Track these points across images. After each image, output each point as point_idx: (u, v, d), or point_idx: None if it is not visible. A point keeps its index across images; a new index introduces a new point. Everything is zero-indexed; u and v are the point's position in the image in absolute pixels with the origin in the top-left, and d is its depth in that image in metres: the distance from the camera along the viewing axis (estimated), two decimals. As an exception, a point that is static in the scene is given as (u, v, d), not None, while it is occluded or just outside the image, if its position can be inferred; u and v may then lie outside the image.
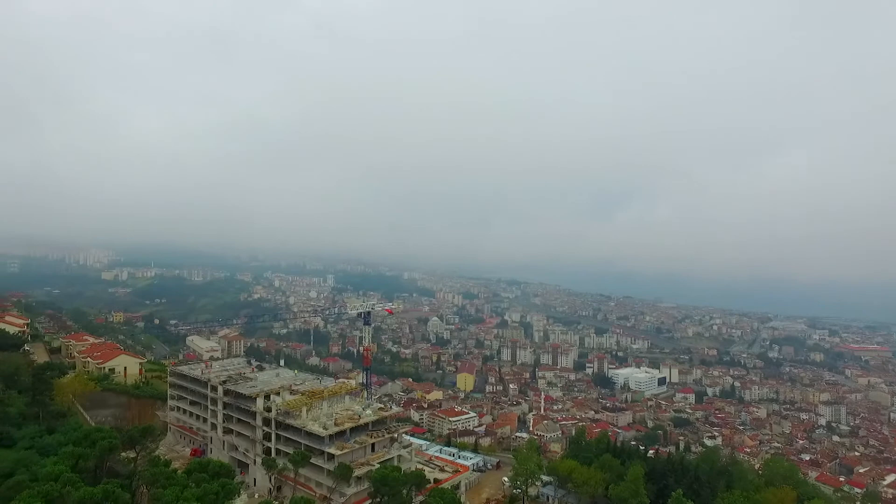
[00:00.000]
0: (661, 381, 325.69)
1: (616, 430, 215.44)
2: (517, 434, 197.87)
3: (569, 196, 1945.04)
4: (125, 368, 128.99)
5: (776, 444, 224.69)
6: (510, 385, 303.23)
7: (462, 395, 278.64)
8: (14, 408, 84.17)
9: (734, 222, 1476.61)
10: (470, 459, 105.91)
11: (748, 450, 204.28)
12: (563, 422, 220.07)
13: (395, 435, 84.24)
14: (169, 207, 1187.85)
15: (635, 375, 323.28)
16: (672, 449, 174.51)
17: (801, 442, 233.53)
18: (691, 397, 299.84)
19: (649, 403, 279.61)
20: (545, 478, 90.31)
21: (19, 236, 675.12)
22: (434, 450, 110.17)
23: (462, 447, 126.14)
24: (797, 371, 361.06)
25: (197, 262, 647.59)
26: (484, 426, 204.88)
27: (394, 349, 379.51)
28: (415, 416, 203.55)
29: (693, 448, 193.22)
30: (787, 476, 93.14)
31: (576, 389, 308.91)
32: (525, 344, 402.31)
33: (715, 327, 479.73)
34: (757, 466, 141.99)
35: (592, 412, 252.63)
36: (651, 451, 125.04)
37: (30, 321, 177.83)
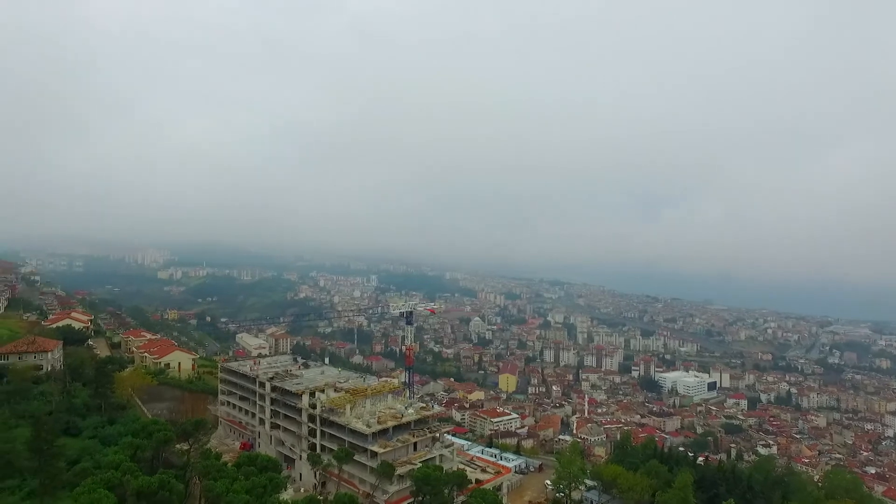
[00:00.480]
0: (712, 386, 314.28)
1: (663, 435, 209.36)
2: (560, 437, 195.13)
3: (613, 196, 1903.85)
4: (179, 364, 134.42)
5: (837, 455, 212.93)
6: (553, 387, 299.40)
7: (504, 396, 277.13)
8: (79, 399, 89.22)
9: (787, 221, 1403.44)
10: (512, 461, 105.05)
11: (806, 460, 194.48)
12: (607, 425, 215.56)
13: (437, 434, 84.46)
14: (220, 209, 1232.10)
15: (684, 379, 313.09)
16: (723, 457, 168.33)
17: (865, 454, 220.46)
18: (743, 403, 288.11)
19: (698, 409, 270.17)
20: (589, 482, 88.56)
21: (84, 238, 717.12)
22: (476, 450, 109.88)
23: (504, 448, 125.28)
24: (861, 378, 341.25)
25: (246, 261, 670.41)
26: (526, 428, 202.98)
27: (436, 349, 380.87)
28: (456, 416, 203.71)
29: (746, 456, 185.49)
30: (849, 489, 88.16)
31: (621, 393, 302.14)
32: (568, 345, 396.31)
33: (769, 331, 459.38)
34: (816, 478, 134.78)
35: (638, 416, 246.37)
36: (700, 459, 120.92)
37: (93, 318, 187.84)
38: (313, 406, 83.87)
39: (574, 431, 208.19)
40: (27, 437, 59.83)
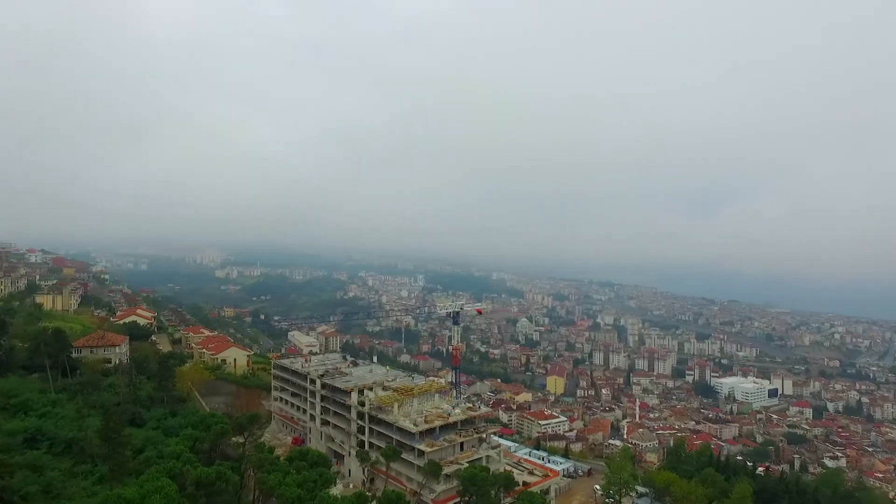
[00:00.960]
0: (773, 393, 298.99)
1: (720, 443, 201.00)
2: (610, 441, 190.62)
3: (665, 194, 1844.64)
4: (235, 360, 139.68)
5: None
6: (602, 390, 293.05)
7: (552, 398, 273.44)
8: (144, 391, 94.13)
9: (856, 217, 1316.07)
10: (560, 464, 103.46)
11: (879, 475, 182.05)
12: (660, 431, 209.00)
13: (484, 435, 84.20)
14: (273, 210, 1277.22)
15: (742, 385, 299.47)
16: (785, 468, 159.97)
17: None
18: (808, 412, 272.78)
19: (758, 416, 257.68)
20: (640, 489, 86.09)
21: (148, 239, 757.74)
22: (523, 452, 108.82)
23: (552, 451, 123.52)
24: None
25: (298, 261, 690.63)
26: (575, 431, 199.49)
27: (482, 349, 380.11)
28: (503, 417, 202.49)
29: (811, 468, 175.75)
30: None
31: (674, 398, 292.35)
32: (619, 348, 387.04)
33: (837, 336, 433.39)
34: (892, 495, 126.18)
35: (693, 423, 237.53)
36: (760, 469, 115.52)
37: (156, 314, 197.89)
38: (362, 404, 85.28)
39: (625, 436, 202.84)
40: (98, 425, 63.53)
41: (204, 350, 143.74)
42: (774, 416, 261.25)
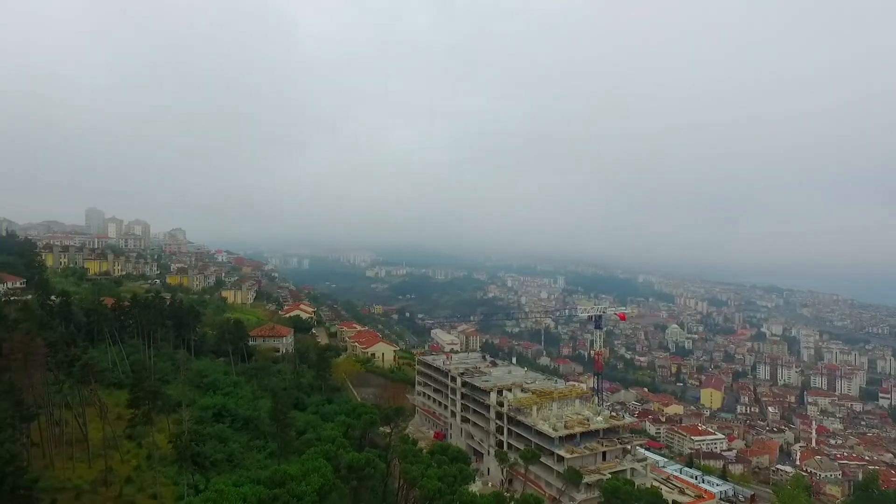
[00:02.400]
0: None
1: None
2: (778, 466, 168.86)
3: (848, 184, 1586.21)
4: (383, 354, 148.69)
5: None
6: (769, 408, 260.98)
7: (707, 413, 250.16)
8: (305, 379, 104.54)
9: None
10: (717, 486, 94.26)
11: None
12: (843, 461, 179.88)
13: (629, 446, 79.69)
14: (418, 212, 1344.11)
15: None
16: None
17: None
18: None
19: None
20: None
21: (309, 240, 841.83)
22: (672, 468, 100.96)
23: (707, 471, 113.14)
24: None
25: (440, 261, 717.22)
26: (734, 451, 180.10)
27: (627, 356, 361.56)
28: (650, 429, 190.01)
29: None
30: None
31: (863, 423, 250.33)
32: (789, 362, 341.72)
33: None
34: None
35: (890, 455, 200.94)
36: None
37: (316, 310, 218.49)
38: (500, 404, 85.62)
39: (797, 462, 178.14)
40: (269, 407, 71.84)
41: (356, 344, 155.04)
42: None
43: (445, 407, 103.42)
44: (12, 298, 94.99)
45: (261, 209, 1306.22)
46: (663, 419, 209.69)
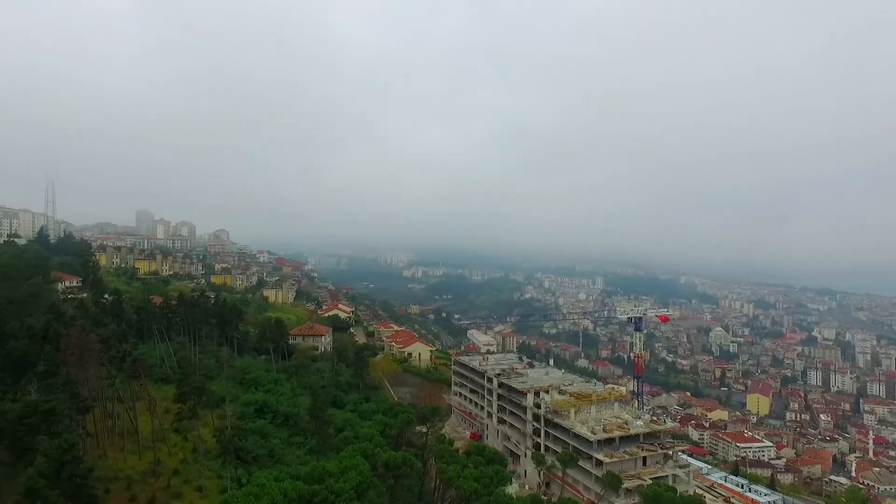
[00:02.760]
0: None
1: None
2: (832, 477, 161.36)
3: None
4: (419, 354, 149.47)
5: None
6: (821, 416, 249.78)
7: (753, 419, 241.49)
8: (343, 377, 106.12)
9: None
10: (764, 496, 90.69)
11: None
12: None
13: (670, 451, 77.58)
14: (453, 213, 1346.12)
15: None
16: None
17: None
18: None
19: None
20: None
21: (347, 240, 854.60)
22: (717, 476, 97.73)
23: (753, 479, 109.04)
24: None
25: (476, 262, 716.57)
26: (783, 460, 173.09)
27: (668, 359, 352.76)
28: (693, 434, 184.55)
29: None
30: None
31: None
32: (843, 368, 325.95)
33: None
34: None
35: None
36: None
37: (354, 309, 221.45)
38: (537, 406, 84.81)
39: (853, 474, 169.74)
40: (307, 404, 73.23)
41: (393, 343, 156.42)
42: None
43: (482, 408, 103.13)
44: (70, 297, 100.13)
45: (299, 209, 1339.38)
46: (707, 424, 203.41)
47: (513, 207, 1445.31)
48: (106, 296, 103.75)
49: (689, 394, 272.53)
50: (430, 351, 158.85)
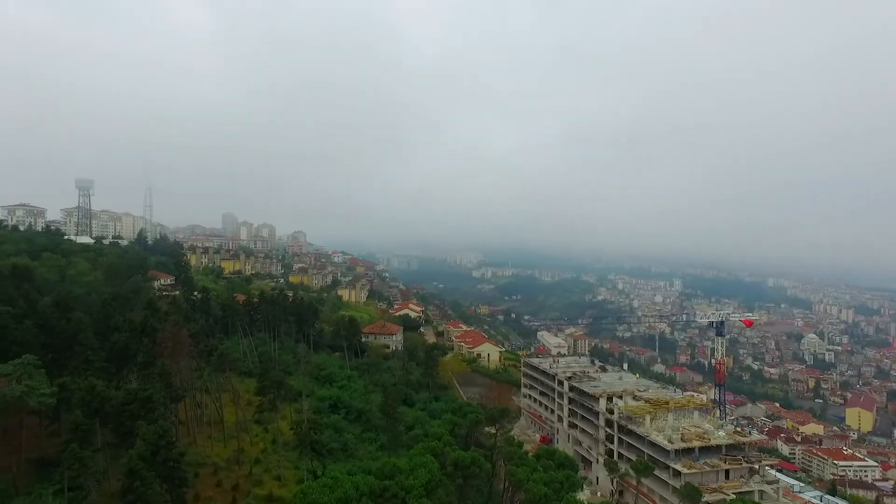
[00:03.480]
0: None
1: None
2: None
3: None
4: (489, 355, 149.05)
5: None
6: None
7: (854, 435, 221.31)
8: (414, 376, 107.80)
9: None
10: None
11: None
12: None
13: (756, 466, 72.64)
14: (524, 213, 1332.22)
15: None
16: None
17: None
18: None
19: None
20: None
21: (417, 241, 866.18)
22: (811, 495, 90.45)
23: (854, 501, 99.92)
24: None
25: (546, 262, 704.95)
26: (891, 482, 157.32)
27: (754, 366, 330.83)
28: (783, 448, 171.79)
29: None
30: None
31: None
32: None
33: None
34: None
35: None
36: None
37: (424, 309, 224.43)
38: (610, 411, 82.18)
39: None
40: (379, 401, 75.03)
41: (462, 343, 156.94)
42: None
43: (552, 411, 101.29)
44: (164, 294, 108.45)
45: (372, 211, 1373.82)
46: (798, 439, 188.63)
47: (585, 207, 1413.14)
48: (195, 293, 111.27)
49: (777, 405, 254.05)
50: (500, 352, 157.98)
